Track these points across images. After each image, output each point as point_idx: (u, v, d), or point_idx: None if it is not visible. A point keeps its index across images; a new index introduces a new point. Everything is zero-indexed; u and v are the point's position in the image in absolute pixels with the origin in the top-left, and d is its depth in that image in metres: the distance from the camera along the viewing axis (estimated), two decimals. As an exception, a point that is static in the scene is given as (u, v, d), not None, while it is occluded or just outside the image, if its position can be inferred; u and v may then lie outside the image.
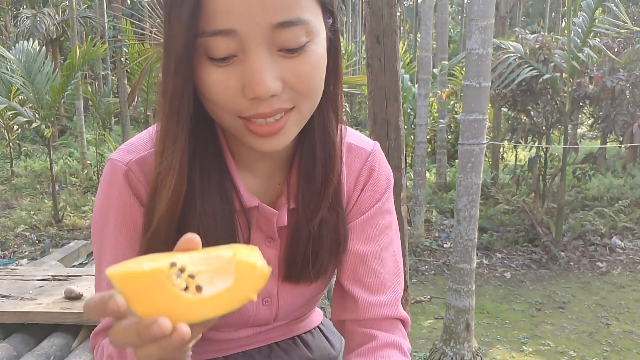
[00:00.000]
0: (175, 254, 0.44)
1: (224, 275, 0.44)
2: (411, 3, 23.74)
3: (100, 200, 0.65)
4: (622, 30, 4.72)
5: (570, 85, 4.59)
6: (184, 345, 0.42)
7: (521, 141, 5.51)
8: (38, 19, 11.83)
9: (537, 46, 4.76)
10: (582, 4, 4.53)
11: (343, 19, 21.22)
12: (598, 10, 4.55)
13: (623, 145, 5.26)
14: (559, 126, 5.40)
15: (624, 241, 5.34)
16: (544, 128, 5.33)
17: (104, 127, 9.90)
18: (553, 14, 19.26)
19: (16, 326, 1.91)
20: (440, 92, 6.44)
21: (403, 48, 8.45)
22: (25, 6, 13.78)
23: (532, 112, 5.35)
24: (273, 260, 0.70)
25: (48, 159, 6.15)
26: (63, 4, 13.90)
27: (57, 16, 12.91)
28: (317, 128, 0.64)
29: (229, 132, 0.61)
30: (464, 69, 2.80)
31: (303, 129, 0.61)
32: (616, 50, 5.07)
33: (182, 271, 0.42)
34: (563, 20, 15.72)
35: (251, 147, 0.58)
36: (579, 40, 4.53)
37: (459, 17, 23.79)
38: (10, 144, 8.46)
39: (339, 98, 0.65)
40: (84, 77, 10.79)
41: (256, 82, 0.52)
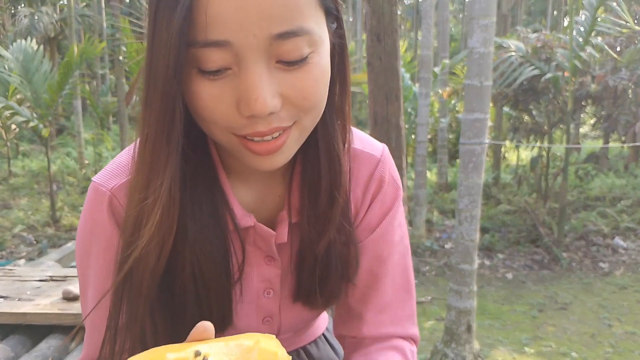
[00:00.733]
0: (195, 344, 0.44)
1: None
2: (412, 1, 23.75)
3: (83, 224, 0.62)
4: (625, 30, 4.70)
5: (572, 84, 4.57)
6: None
7: (523, 141, 5.49)
8: (36, 17, 11.82)
9: (539, 45, 4.74)
10: (584, 2, 4.51)
11: (343, 17, 21.23)
12: (600, 9, 4.52)
13: (625, 145, 5.24)
14: (561, 126, 5.38)
15: (626, 242, 5.33)
16: (546, 127, 5.32)
17: (102, 127, 9.89)
18: (555, 12, 19.27)
19: (13, 327, 1.89)
20: (441, 91, 6.42)
21: (404, 47, 8.43)
22: (23, 4, 13.76)
23: (534, 112, 5.33)
24: (275, 280, 0.65)
25: (46, 159, 6.13)
26: (61, 2, 13.89)
27: (55, 15, 12.89)
28: (321, 140, 0.59)
29: (222, 146, 0.56)
30: (466, 68, 2.77)
31: (306, 144, 0.56)
32: (618, 49, 5.05)
33: None
34: (565, 19, 15.72)
35: (248, 164, 0.54)
36: (581, 39, 4.51)
37: (460, 16, 23.79)
38: (8, 143, 8.44)
39: (347, 108, 0.59)
40: (82, 76, 10.76)
41: (254, 99, 0.47)
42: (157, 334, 0.58)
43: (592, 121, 7.00)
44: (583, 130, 11.32)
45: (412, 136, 7.38)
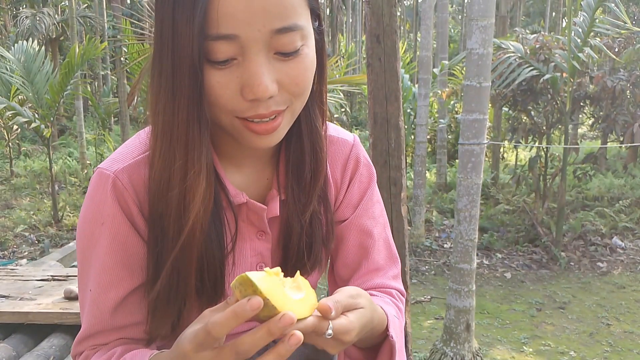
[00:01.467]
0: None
1: (296, 290, 0.53)
2: (411, 2, 23.74)
3: (85, 208, 0.65)
4: (623, 30, 4.71)
5: (570, 85, 4.58)
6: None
7: (522, 141, 5.51)
8: (37, 18, 11.83)
9: (537, 46, 4.76)
10: (582, 3, 4.53)
11: (343, 18, 21.22)
12: (598, 10, 4.54)
13: (624, 145, 5.26)
14: (560, 126, 5.40)
15: (624, 241, 5.34)
16: (545, 128, 5.33)
17: (104, 127, 9.90)
18: (553, 13, 19.27)
19: (15, 326, 1.90)
20: (440, 91, 6.44)
21: (403, 48, 8.45)
22: (24, 6, 13.77)
23: (533, 112, 5.35)
24: (265, 253, 0.71)
25: (47, 159, 6.14)
26: (63, 3, 13.89)
27: (56, 16, 12.91)
28: (304, 123, 0.66)
29: (218, 128, 0.62)
30: (465, 69, 2.79)
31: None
32: (617, 50, 5.07)
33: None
34: (563, 20, 15.72)
35: (246, 144, 0.60)
36: (579, 40, 4.53)
37: (460, 17, 23.79)
38: (10, 143, 8.45)
39: (324, 95, 0.68)
40: (83, 76, 10.78)
41: (257, 84, 0.54)
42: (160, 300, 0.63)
43: (591, 122, 7.01)
44: (581, 130, 11.33)
45: (412, 136, 7.39)
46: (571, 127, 6.20)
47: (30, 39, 9.34)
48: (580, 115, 6.95)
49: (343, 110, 9.98)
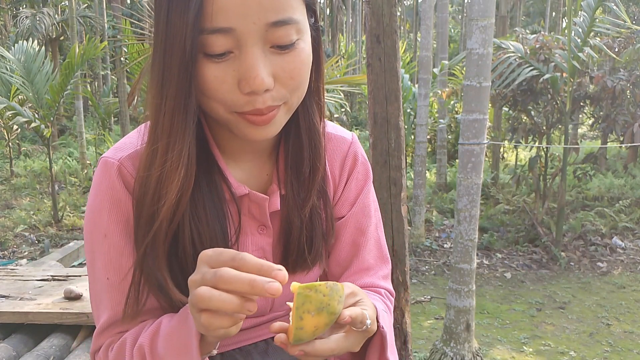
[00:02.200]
0: None
1: None
2: (411, 2, 23.74)
3: (93, 197, 0.66)
4: (623, 30, 4.72)
5: (570, 85, 4.58)
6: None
7: (522, 141, 5.51)
8: (37, 18, 11.84)
9: (537, 46, 4.76)
10: (582, 3, 4.53)
11: (343, 18, 21.21)
12: (598, 10, 4.54)
13: (624, 145, 5.25)
14: (560, 126, 5.40)
15: (624, 241, 5.34)
16: (545, 128, 5.33)
17: (104, 127, 9.91)
18: (553, 13, 19.27)
19: (15, 326, 1.90)
20: (440, 91, 6.44)
21: (403, 48, 8.45)
22: (24, 6, 13.78)
23: (533, 112, 5.35)
24: (267, 248, 0.72)
25: (47, 159, 6.15)
26: (62, 3, 13.90)
27: (56, 16, 12.91)
28: (302, 119, 0.67)
29: (218, 125, 0.63)
30: (465, 69, 2.79)
31: (288, 121, 0.64)
32: (617, 49, 5.07)
33: None
34: (563, 20, 15.71)
35: (244, 136, 0.61)
36: (579, 40, 4.53)
37: (460, 17, 23.79)
38: (10, 143, 8.46)
39: (321, 90, 0.68)
40: (83, 76, 10.78)
41: (253, 77, 0.55)
42: (169, 287, 0.63)
43: (591, 121, 7.01)
44: (581, 130, 11.33)
45: (412, 136, 7.39)
46: (571, 127, 6.20)
47: (30, 39, 9.34)
48: (580, 115, 6.96)
49: (343, 110, 9.98)
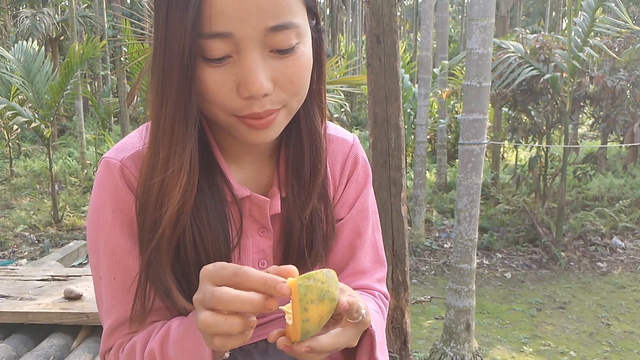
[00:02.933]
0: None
1: None
2: (411, 2, 23.74)
3: (96, 198, 0.66)
4: (623, 30, 4.72)
5: (570, 85, 4.58)
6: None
7: (522, 141, 5.51)
8: (37, 18, 11.84)
9: (537, 46, 4.76)
10: (582, 3, 4.53)
11: (343, 18, 21.22)
12: (599, 10, 4.54)
13: (624, 145, 5.26)
14: (560, 126, 5.40)
15: (624, 241, 5.34)
16: (545, 128, 5.33)
17: (104, 127, 9.91)
18: (554, 13, 19.27)
19: (15, 326, 1.90)
20: (440, 91, 6.44)
21: (403, 47, 8.45)
22: (24, 6, 13.78)
23: (533, 112, 5.35)
24: (267, 250, 0.72)
25: (47, 159, 6.15)
26: (62, 3, 13.90)
27: (56, 16, 12.92)
28: (303, 121, 0.67)
29: (219, 127, 0.63)
30: (465, 69, 2.79)
31: (288, 124, 0.64)
32: (617, 49, 5.07)
33: None
34: (564, 19, 15.72)
35: (243, 139, 0.61)
36: (579, 40, 4.53)
37: (460, 17, 23.79)
38: (10, 143, 8.46)
39: (323, 93, 0.68)
40: (83, 76, 10.79)
41: (252, 81, 0.55)
42: (174, 294, 0.63)
43: (591, 121, 7.01)
44: (581, 130, 11.34)
45: (412, 136, 7.39)
46: (571, 127, 6.20)
47: (30, 38, 9.35)
48: (580, 115, 6.95)
49: (343, 110, 9.98)
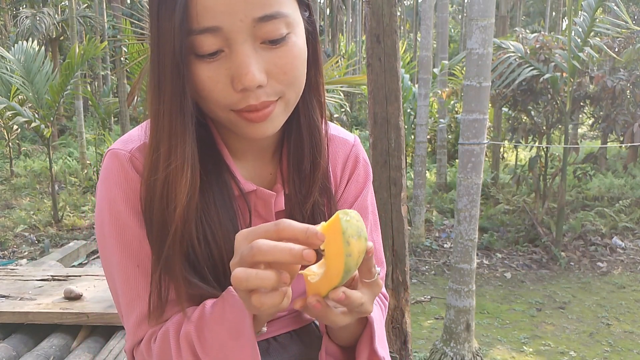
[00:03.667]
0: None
1: None
2: (411, 2, 23.75)
3: (106, 190, 0.65)
4: (623, 30, 4.72)
5: (570, 84, 4.58)
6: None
7: (522, 141, 5.51)
8: (38, 18, 11.85)
9: (537, 46, 4.76)
10: (582, 3, 4.53)
11: (343, 18, 21.22)
12: (599, 10, 4.55)
13: (624, 145, 5.26)
14: (560, 126, 5.40)
15: (624, 241, 5.35)
16: (545, 128, 5.33)
17: (104, 127, 9.91)
18: (554, 13, 19.28)
19: (15, 326, 1.90)
20: (440, 91, 6.44)
21: (403, 47, 8.45)
22: (24, 6, 13.79)
23: (533, 112, 5.35)
24: None
25: (47, 159, 6.15)
26: (63, 3, 13.90)
27: (56, 16, 12.92)
28: (302, 116, 0.67)
29: (221, 124, 0.63)
30: (465, 69, 2.79)
31: (289, 119, 0.64)
32: (617, 49, 5.07)
33: None
34: (564, 20, 15.73)
35: (244, 134, 0.61)
36: (579, 40, 4.53)
37: (460, 17, 23.80)
38: (10, 143, 8.47)
39: (321, 87, 0.68)
40: (83, 76, 10.79)
41: (244, 73, 0.55)
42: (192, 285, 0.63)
43: (591, 121, 7.01)
44: (581, 130, 11.34)
45: (412, 136, 7.40)
46: (571, 127, 6.20)
47: (30, 39, 9.35)
48: (580, 115, 6.96)
49: (343, 110, 9.98)
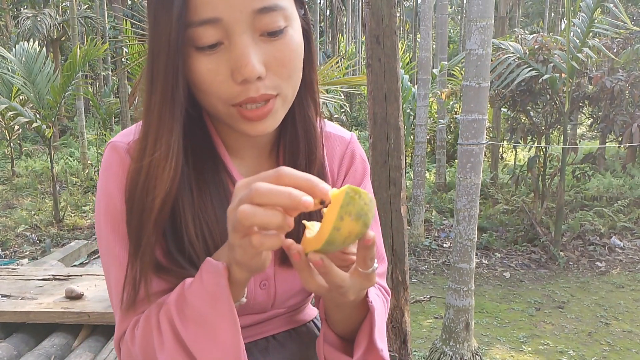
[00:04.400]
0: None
1: None
2: (411, 3, 23.75)
3: (104, 181, 0.66)
4: (622, 31, 4.73)
5: (569, 85, 4.60)
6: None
7: (520, 141, 5.52)
8: (39, 19, 11.86)
9: (536, 46, 4.77)
10: (581, 4, 4.54)
11: (343, 19, 21.22)
12: (597, 11, 4.56)
13: (622, 145, 5.27)
14: (558, 126, 5.41)
15: (623, 241, 5.36)
16: (543, 128, 5.35)
17: (105, 127, 9.92)
18: (552, 14, 19.28)
19: (17, 326, 1.91)
20: (439, 92, 6.45)
21: (402, 48, 8.47)
22: (26, 6, 13.81)
23: (532, 112, 5.36)
24: None
25: (49, 159, 6.16)
26: (64, 4, 13.91)
27: (57, 16, 12.93)
28: (297, 113, 0.68)
29: (221, 121, 0.64)
30: (464, 69, 2.80)
31: (284, 117, 0.65)
32: (615, 50, 5.09)
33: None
34: (562, 20, 15.73)
35: (243, 132, 0.62)
36: (578, 41, 4.54)
37: (459, 18, 23.79)
38: (11, 144, 8.48)
39: (315, 84, 0.69)
40: (84, 77, 10.80)
41: (244, 64, 0.56)
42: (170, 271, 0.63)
43: (589, 122, 7.03)
44: (580, 130, 11.36)
45: (411, 137, 7.41)
46: (570, 127, 6.21)
47: (32, 39, 9.36)
48: (579, 116, 6.97)
49: (343, 110, 9.99)
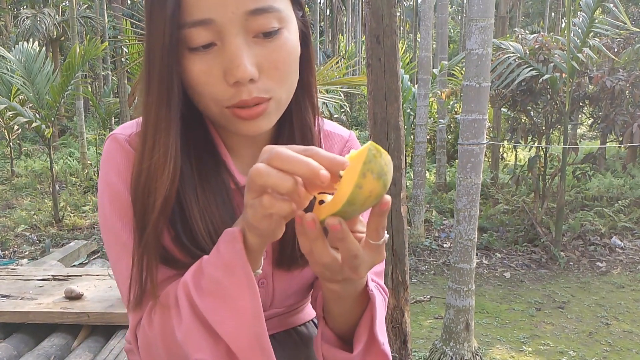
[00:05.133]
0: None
1: None
2: (411, 3, 23.75)
3: (105, 174, 0.66)
4: (622, 31, 4.73)
5: (569, 85, 4.59)
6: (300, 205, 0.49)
7: (521, 141, 5.52)
8: (38, 19, 11.85)
9: (536, 46, 4.77)
10: (581, 4, 4.54)
11: (343, 19, 21.22)
12: (598, 11, 4.56)
13: (623, 145, 5.27)
14: (559, 126, 5.41)
15: (623, 241, 5.35)
16: (544, 128, 5.34)
17: (105, 127, 9.92)
18: (553, 14, 19.28)
19: (16, 326, 1.91)
20: (440, 92, 6.44)
21: (403, 48, 8.46)
22: (25, 6, 13.81)
23: (532, 112, 5.36)
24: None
25: (48, 159, 6.15)
26: (63, 4, 13.92)
27: (57, 16, 12.93)
28: (294, 116, 0.68)
29: (215, 121, 0.64)
30: (464, 69, 2.80)
31: (281, 119, 0.65)
32: (616, 50, 5.09)
33: None
34: (563, 20, 15.72)
35: (237, 131, 0.62)
36: (578, 41, 4.54)
37: (459, 17, 23.80)
38: (11, 144, 8.47)
39: (313, 87, 0.68)
40: (84, 77, 10.79)
41: (236, 65, 0.56)
42: (177, 262, 0.64)
43: (590, 122, 7.02)
44: (580, 130, 11.36)
45: (411, 137, 7.40)
46: (570, 127, 6.21)
47: (31, 39, 9.36)
48: (579, 116, 6.97)
49: (343, 110, 9.99)
